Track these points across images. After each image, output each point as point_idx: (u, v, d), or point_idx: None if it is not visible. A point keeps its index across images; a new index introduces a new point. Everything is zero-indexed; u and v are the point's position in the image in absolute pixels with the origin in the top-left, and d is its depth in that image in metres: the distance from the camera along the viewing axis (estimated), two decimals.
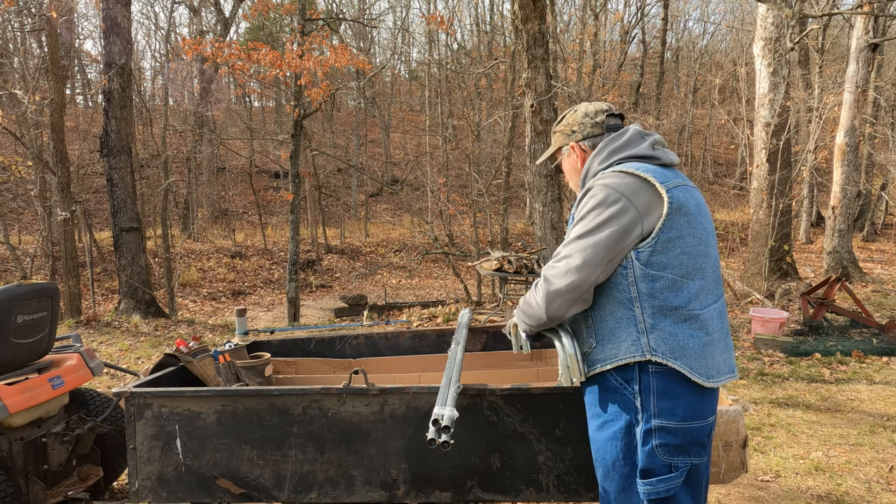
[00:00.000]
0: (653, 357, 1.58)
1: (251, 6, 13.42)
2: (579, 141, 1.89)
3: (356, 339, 3.24)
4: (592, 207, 1.64)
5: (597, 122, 1.87)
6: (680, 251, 1.60)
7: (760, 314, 6.81)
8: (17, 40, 16.03)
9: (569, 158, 1.94)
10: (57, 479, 3.00)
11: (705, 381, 1.59)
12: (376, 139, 30.06)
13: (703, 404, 1.61)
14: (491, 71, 17.24)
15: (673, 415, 1.58)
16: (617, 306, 1.64)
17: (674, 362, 1.57)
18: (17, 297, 2.83)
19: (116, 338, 7.68)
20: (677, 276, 1.60)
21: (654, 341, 1.59)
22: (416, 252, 17.00)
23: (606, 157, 1.77)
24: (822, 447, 3.92)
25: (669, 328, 1.59)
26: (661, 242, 1.59)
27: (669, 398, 1.58)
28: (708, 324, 1.62)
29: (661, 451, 1.58)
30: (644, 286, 1.60)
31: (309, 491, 2.21)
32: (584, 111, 1.90)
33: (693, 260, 1.62)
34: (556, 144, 1.96)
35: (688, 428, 1.58)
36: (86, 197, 17.04)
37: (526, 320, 1.81)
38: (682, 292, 1.60)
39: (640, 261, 1.61)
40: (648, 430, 1.59)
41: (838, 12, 8.43)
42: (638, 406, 1.61)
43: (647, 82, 28.62)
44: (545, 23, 6.46)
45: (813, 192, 18.08)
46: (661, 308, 1.60)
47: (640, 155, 1.73)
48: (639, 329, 1.60)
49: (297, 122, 10.30)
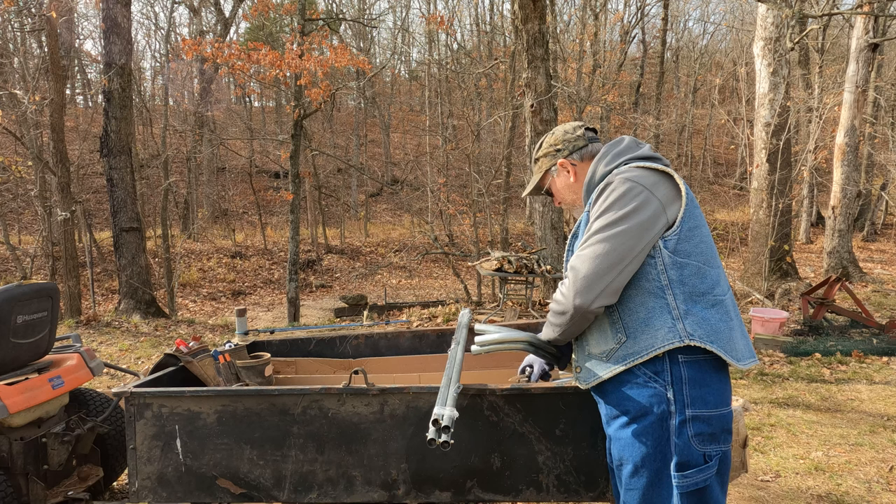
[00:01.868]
0: (691, 342, 1.59)
1: (251, 6, 13.42)
2: (567, 156, 1.93)
3: (356, 339, 3.24)
4: (616, 199, 1.65)
5: (578, 136, 1.94)
6: (699, 240, 1.67)
7: (760, 314, 6.81)
8: (17, 40, 16.03)
9: (559, 177, 1.97)
10: (57, 479, 3.00)
11: (738, 362, 1.63)
12: (376, 139, 30.07)
13: (727, 390, 1.66)
14: (491, 71, 17.26)
15: (706, 403, 1.60)
16: (648, 296, 1.65)
17: (711, 345, 1.60)
18: (17, 297, 2.83)
19: (116, 338, 7.68)
20: (700, 262, 1.65)
21: (690, 326, 1.61)
22: (416, 252, 17.00)
23: (611, 159, 1.80)
24: (822, 447, 3.92)
25: (702, 313, 1.62)
26: (684, 231, 1.65)
27: (700, 386, 1.60)
28: (730, 309, 1.67)
29: (697, 441, 1.59)
30: (674, 273, 1.63)
31: (309, 491, 2.21)
32: (563, 130, 1.98)
33: (710, 249, 1.69)
34: (543, 168, 1.99)
35: (720, 415, 1.61)
36: (86, 197, 17.05)
37: (552, 319, 1.79)
38: (706, 279, 1.65)
39: (668, 248, 1.64)
40: (683, 421, 1.59)
41: (838, 12, 8.42)
42: (671, 398, 1.61)
43: (647, 82, 28.61)
44: (545, 23, 6.46)
45: (813, 192, 18.08)
46: (691, 294, 1.63)
47: (643, 156, 1.78)
48: (673, 316, 1.62)
49: (297, 122, 10.30)
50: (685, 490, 1.60)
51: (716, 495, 1.63)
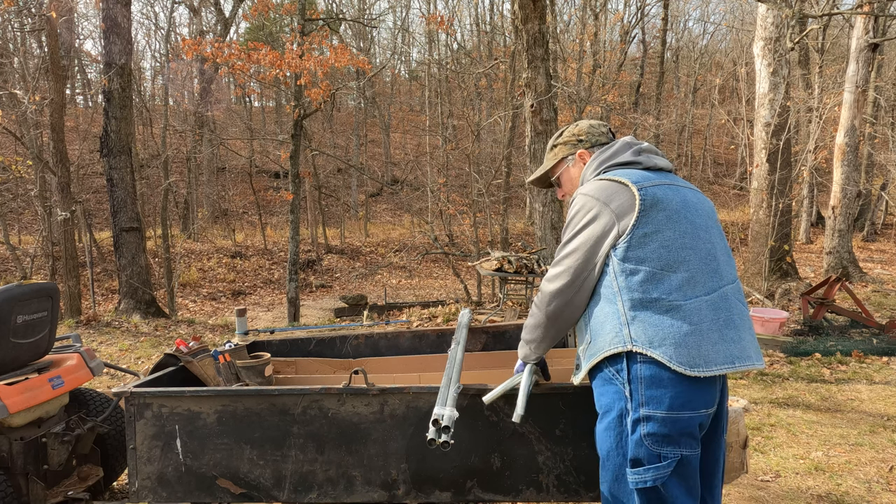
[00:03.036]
0: (633, 347, 1.63)
1: (251, 6, 13.41)
2: (589, 148, 2.01)
3: (356, 339, 3.24)
4: (573, 216, 1.79)
5: (602, 132, 2.03)
6: (658, 244, 1.68)
7: (760, 314, 6.81)
8: (17, 40, 16.03)
9: (574, 167, 2.04)
10: (57, 479, 3.00)
11: (688, 370, 1.58)
12: (376, 139, 30.06)
13: (694, 395, 1.61)
14: (491, 71, 17.25)
15: (660, 403, 1.60)
16: (604, 302, 1.73)
17: (652, 351, 1.61)
18: (17, 297, 2.83)
19: (116, 338, 7.68)
20: (657, 268, 1.66)
21: (633, 332, 1.64)
22: (416, 252, 17.00)
23: (596, 167, 1.91)
24: (822, 447, 3.92)
25: (649, 319, 1.64)
26: (636, 238, 1.68)
27: (657, 387, 1.61)
28: (693, 314, 1.64)
29: (650, 441, 1.61)
30: (622, 280, 1.69)
31: (309, 491, 2.21)
32: (589, 123, 2.05)
33: (674, 253, 1.68)
34: (559, 156, 2.05)
35: (676, 418, 1.60)
36: (86, 197, 17.04)
37: (526, 335, 1.93)
38: (662, 284, 1.66)
39: (618, 257, 1.70)
40: (637, 419, 1.63)
41: (838, 12, 8.43)
42: (627, 395, 1.65)
43: (647, 82, 28.60)
44: (545, 23, 6.46)
45: (813, 192, 18.08)
46: (640, 300, 1.66)
47: (623, 161, 1.86)
48: (620, 321, 1.67)
49: (297, 122, 10.30)
50: (637, 486, 1.63)
51: (674, 496, 1.62)
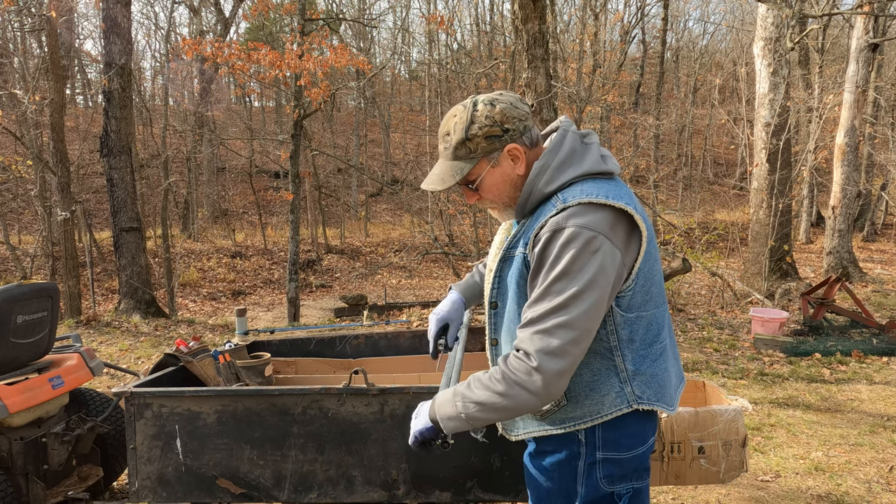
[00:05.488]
0: (639, 406, 1.43)
1: (251, 6, 13.41)
2: (518, 140, 1.45)
3: (356, 339, 3.24)
4: (573, 259, 1.30)
5: (526, 113, 1.46)
6: (652, 283, 1.43)
7: (760, 314, 6.81)
8: (17, 40, 16.04)
9: (501, 167, 1.47)
10: (57, 479, 3.00)
11: (671, 410, 1.50)
12: (376, 139, 30.06)
13: (647, 428, 1.50)
14: (491, 71, 17.24)
15: (619, 446, 1.46)
16: (594, 357, 1.43)
17: (657, 404, 1.45)
18: (17, 297, 2.83)
19: (116, 338, 7.68)
20: (651, 309, 1.43)
21: (638, 388, 1.43)
22: (416, 252, 17.00)
23: (552, 175, 1.42)
24: (822, 447, 3.92)
25: (650, 370, 1.45)
26: (640, 281, 1.40)
27: (616, 430, 1.45)
28: (668, 347, 1.50)
29: (605, 482, 1.47)
30: (625, 332, 1.41)
31: (309, 491, 2.21)
32: (508, 101, 1.45)
33: (659, 286, 1.46)
34: (481, 153, 1.45)
35: (633, 456, 1.48)
36: (86, 197, 17.05)
37: (478, 411, 1.39)
38: (653, 325, 1.44)
39: (622, 307, 1.39)
40: (593, 463, 1.47)
41: (838, 12, 8.44)
42: (581, 439, 1.47)
43: (647, 82, 28.62)
44: (545, 23, 6.46)
45: (813, 192, 18.07)
46: (638, 350, 1.43)
47: (593, 172, 1.42)
48: (621, 378, 1.43)
49: (297, 122, 10.30)
50: None
51: None
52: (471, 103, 1.47)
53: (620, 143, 22.10)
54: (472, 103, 1.47)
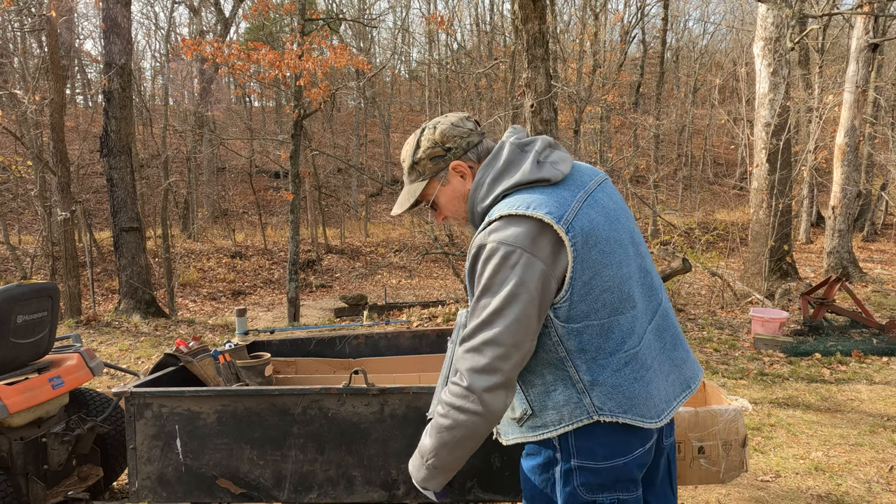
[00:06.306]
0: (601, 417, 1.38)
1: (251, 6, 13.42)
2: (462, 156, 1.53)
3: (356, 339, 3.24)
4: (492, 275, 1.33)
5: (470, 129, 1.54)
6: (601, 290, 1.36)
7: (760, 314, 6.81)
8: (17, 40, 16.04)
9: (451, 184, 1.55)
10: (57, 479, 3.00)
11: (653, 421, 1.42)
12: (376, 139, 30.08)
13: (627, 439, 1.43)
14: (491, 71, 17.25)
15: (593, 455, 1.42)
16: (547, 368, 1.42)
17: (624, 416, 1.39)
18: (17, 297, 2.83)
19: (116, 338, 7.68)
20: (604, 317, 1.37)
21: (598, 399, 1.38)
22: (416, 252, 17.00)
23: (488, 189, 1.46)
24: (822, 447, 3.92)
25: (611, 380, 1.38)
26: (577, 290, 1.35)
27: (589, 438, 1.41)
28: (647, 356, 1.43)
29: (584, 490, 1.44)
30: (572, 343, 1.38)
31: (309, 491, 2.21)
32: (449, 122, 1.55)
33: (617, 292, 1.38)
34: (428, 174, 1.54)
35: (611, 467, 1.42)
36: (86, 197, 17.06)
37: (435, 460, 1.44)
38: (613, 333, 1.38)
39: (560, 318, 1.36)
40: (569, 470, 1.44)
41: (838, 12, 8.43)
42: (556, 445, 1.45)
43: (647, 82, 28.63)
44: (545, 23, 6.46)
45: (813, 192, 18.08)
46: (596, 360, 1.38)
47: (525, 181, 1.42)
48: (577, 389, 1.39)
49: (297, 122, 10.30)
50: None
51: None
52: (420, 130, 1.58)
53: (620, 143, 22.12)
54: (421, 129, 1.58)
